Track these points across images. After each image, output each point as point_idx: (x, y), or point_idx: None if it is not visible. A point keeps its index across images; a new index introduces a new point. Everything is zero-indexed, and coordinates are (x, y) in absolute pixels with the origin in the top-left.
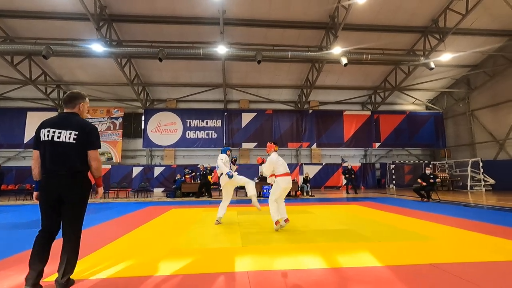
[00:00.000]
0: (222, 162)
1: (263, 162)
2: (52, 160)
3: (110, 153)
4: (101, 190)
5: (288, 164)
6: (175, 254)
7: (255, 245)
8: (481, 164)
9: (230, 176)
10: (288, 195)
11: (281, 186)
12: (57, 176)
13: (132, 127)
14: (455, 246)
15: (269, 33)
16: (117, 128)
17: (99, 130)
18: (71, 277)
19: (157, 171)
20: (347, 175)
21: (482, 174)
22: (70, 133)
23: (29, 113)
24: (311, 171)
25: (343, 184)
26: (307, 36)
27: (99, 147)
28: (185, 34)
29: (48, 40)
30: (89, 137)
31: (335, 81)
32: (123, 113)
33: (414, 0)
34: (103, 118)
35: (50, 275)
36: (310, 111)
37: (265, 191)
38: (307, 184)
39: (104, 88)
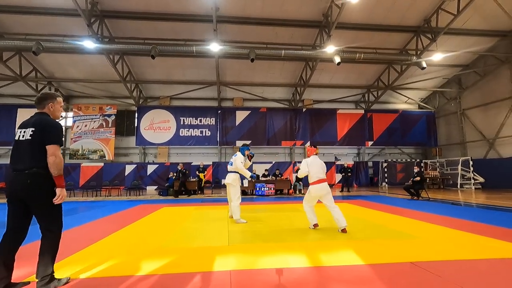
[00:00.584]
0: (241, 164)
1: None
2: (13, 159)
3: (102, 150)
4: (60, 191)
5: (281, 163)
6: (160, 253)
7: (242, 244)
8: (471, 162)
9: (254, 177)
10: (281, 193)
11: (311, 193)
12: (18, 175)
13: (125, 124)
14: (437, 245)
15: (262, 31)
16: (110, 125)
17: (91, 127)
18: (55, 276)
19: (150, 169)
20: (343, 173)
21: (472, 172)
22: (29, 130)
23: (19, 110)
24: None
25: (338, 182)
26: (301, 35)
27: (58, 143)
28: (178, 31)
29: (38, 36)
30: (45, 132)
31: (329, 79)
32: (115, 111)
33: (406, 0)
34: (96, 115)
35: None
36: (304, 109)
37: (257, 189)
38: (300, 182)
39: (97, 85)
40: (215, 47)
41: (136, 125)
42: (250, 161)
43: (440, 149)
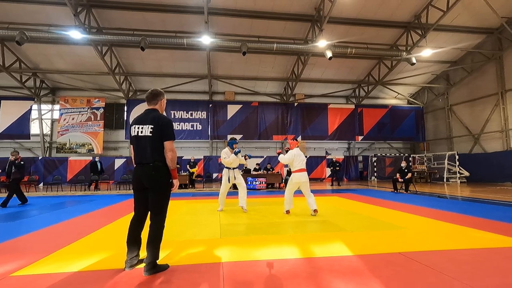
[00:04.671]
0: (225, 159)
1: (280, 153)
2: (137, 154)
3: (91, 144)
4: (176, 181)
5: (272, 157)
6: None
7: (234, 236)
8: (457, 157)
9: (250, 156)
10: (272, 187)
11: (292, 180)
12: (143, 167)
13: (114, 117)
14: (425, 235)
15: (254, 24)
16: (98, 118)
17: (79, 120)
18: (159, 262)
19: None
20: (331, 168)
21: (458, 166)
22: (147, 127)
23: (3, 102)
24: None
25: (328, 176)
26: (293, 29)
27: (173, 138)
28: (168, 22)
29: (22, 25)
30: (163, 130)
31: (320, 74)
32: (104, 103)
33: None
34: (83, 108)
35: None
36: (296, 103)
37: (249, 183)
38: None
39: (84, 77)
40: (206, 39)
41: (125, 118)
42: (246, 160)
43: (427, 144)
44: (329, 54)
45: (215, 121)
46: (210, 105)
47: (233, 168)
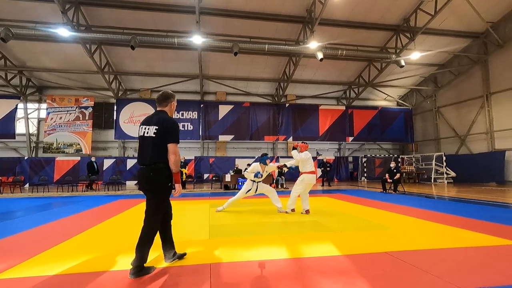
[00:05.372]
0: (248, 173)
1: (295, 148)
2: (139, 154)
3: (79, 144)
4: (178, 186)
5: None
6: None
7: (223, 237)
8: (444, 158)
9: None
10: None
11: (305, 181)
12: (143, 169)
13: (103, 117)
14: (411, 235)
15: (246, 25)
16: (87, 118)
17: (66, 120)
18: (145, 265)
19: (130, 163)
20: (322, 168)
21: (445, 167)
22: (152, 128)
23: None
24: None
25: (318, 177)
26: (284, 30)
27: (177, 141)
28: (159, 21)
29: (7, 21)
30: (167, 131)
31: (312, 75)
32: (93, 103)
33: None
34: (71, 107)
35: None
36: (287, 104)
37: (239, 183)
38: (282, 177)
39: (72, 75)
40: (197, 39)
41: (115, 118)
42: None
43: (416, 145)
44: (320, 55)
45: (207, 121)
46: (202, 105)
47: (257, 182)
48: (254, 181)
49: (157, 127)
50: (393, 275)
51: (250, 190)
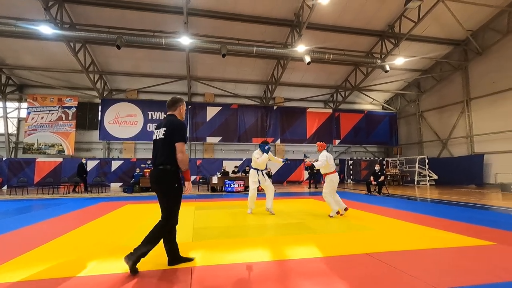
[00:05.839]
0: (258, 160)
1: (312, 165)
2: (152, 156)
3: (61, 145)
4: (187, 184)
5: (251, 160)
6: (117, 252)
7: (206, 240)
8: (427, 161)
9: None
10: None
11: (334, 181)
12: (154, 169)
13: (87, 117)
14: (391, 236)
15: (234, 27)
16: (70, 118)
17: (48, 120)
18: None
19: (115, 165)
20: (309, 171)
21: (428, 170)
22: (162, 130)
23: None
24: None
25: (305, 179)
26: (273, 33)
27: (184, 140)
28: (146, 21)
29: None
30: (174, 132)
31: (300, 78)
32: (77, 102)
33: (373, 5)
34: (54, 107)
35: None
36: (275, 107)
37: (226, 185)
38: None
39: (55, 74)
40: (185, 40)
41: (99, 118)
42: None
43: (400, 148)
44: (307, 59)
45: (194, 123)
46: (189, 107)
47: (261, 170)
48: (257, 169)
49: (165, 129)
50: (371, 275)
51: (259, 179)
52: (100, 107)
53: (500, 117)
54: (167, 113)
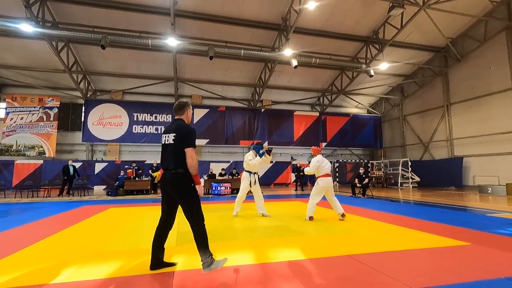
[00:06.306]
0: (250, 162)
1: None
2: (163, 161)
3: (42, 146)
4: (198, 187)
5: (239, 162)
6: (97, 257)
7: (190, 244)
8: (409, 163)
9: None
10: (238, 192)
11: (320, 185)
12: (167, 174)
13: (70, 118)
14: (373, 238)
15: (222, 29)
16: (52, 119)
17: (28, 120)
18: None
19: (99, 167)
20: (296, 173)
21: (410, 172)
22: (171, 136)
23: None
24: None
25: (292, 181)
26: (260, 36)
27: (193, 146)
28: (132, 22)
29: None
30: (184, 137)
31: (287, 82)
32: (59, 103)
33: (358, 12)
34: (34, 107)
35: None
36: (263, 109)
37: (213, 188)
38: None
39: (36, 73)
40: (172, 41)
41: (83, 119)
42: (269, 155)
43: (384, 151)
44: (294, 62)
45: None
46: None
47: (254, 173)
48: (250, 172)
49: (175, 134)
50: (351, 277)
51: (250, 182)
52: (83, 108)
53: (477, 121)
54: (175, 118)
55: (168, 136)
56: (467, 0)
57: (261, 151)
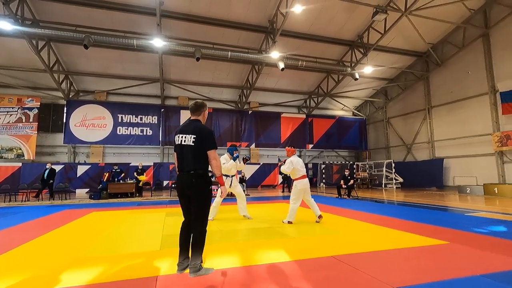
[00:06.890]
0: (223, 165)
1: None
2: (180, 162)
3: (20, 149)
4: (223, 188)
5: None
6: (78, 263)
7: (175, 248)
8: (393, 165)
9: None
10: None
11: (297, 187)
12: (184, 175)
13: (50, 119)
14: (356, 239)
15: (209, 31)
16: (31, 120)
17: (6, 121)
18: (203, 265)
19: (81, 170)
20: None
21: (394, 173)
22: (190, 137)
23: None
24: (249, 170)
25: (279, 183)
26: (247, 38)
27: (215, 147)
28: (117, 21)
29: None
30: (205, 140)
31: (274, 84)
32: (39, 103)
33: (343, 16)
34: (12, 108)
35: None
36: (250, 111)
37: None
38: (244, 183)
39: (15, 73)
40: (158, 42)
41: (64, 120)
42: (245, 164)
43: (369, 152)
44: (281, 65)
45: (167, 127)
46: (162, 110)
47: (231, 176)
48: (227, 176)
49: (195, 136)
50: (335, 277)
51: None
52: (65, 108)
53: (456, 124)
54: (191, 118)
55: (185, 137)
56: (447, 7)
57: (235, 154)
